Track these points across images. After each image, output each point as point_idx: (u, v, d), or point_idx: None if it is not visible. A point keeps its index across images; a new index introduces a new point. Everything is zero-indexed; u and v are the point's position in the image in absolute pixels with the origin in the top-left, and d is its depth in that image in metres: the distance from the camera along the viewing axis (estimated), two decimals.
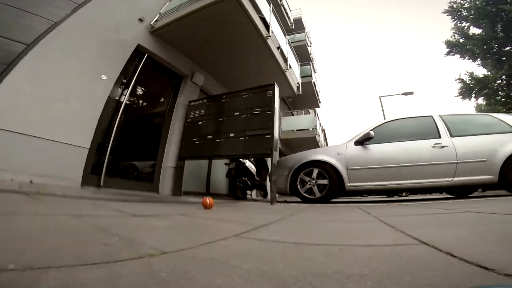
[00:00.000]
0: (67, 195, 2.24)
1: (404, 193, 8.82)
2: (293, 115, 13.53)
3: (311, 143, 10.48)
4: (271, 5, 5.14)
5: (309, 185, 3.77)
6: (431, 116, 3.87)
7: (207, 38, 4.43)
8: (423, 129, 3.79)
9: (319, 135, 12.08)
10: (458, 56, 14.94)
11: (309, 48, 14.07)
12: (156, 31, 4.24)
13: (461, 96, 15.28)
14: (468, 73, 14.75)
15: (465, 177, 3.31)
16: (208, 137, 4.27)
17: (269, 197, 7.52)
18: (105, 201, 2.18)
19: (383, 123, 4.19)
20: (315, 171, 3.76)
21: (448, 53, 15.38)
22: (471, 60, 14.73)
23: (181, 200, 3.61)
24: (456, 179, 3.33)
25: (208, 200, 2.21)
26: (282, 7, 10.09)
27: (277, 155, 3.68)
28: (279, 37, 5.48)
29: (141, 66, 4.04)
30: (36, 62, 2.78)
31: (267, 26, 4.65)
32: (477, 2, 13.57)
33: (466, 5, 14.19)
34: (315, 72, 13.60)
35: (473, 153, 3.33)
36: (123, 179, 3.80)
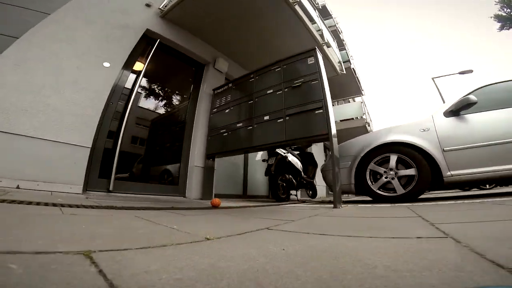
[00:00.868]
0: (60, 202, 1.59)
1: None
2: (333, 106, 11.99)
3: (362, 134, 8.89)
4: None
5: (386, 178, 2.59)
6: None
7: (223, 15, 3.65)
8: None
9: (370, 124, 10.39)
10: None
11: (340, 35, 12.53)
12: (166, 15, 3.63)
13: None
14: None
15: None
16: (237, 125, 3.43)
17: (318, 197, 6.40)
18: (121, 211, 1.46)
19: (484, 86, 2.82)
20: (393, 158, 2.57)
21: (501, 28, 15.10)
22: None
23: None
24: None
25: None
26: None
27: (335, 140, 2.61)
28: (308, 9, 4.38)
29: (152, 53, 3.43)
30: (23, 51, 2.36)
31: None
32: None
33: None
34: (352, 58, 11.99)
35: None
36: (139, 182, 3.20)
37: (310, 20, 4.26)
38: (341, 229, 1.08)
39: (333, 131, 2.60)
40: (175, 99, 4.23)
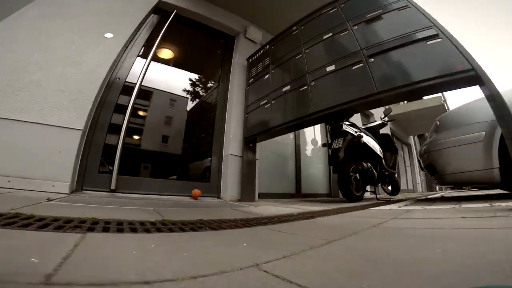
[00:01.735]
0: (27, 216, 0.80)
1: None
2: None
3: (438, 115, 6.77)
4: None
5: None
6: None
7: None
8: None
9: (446, 102, 8.06)
10: None
11: None
12: None
13: None
14: None
15: None
16: (283, 89, 2.35)
17: (401, 194, 4.79)
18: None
19: None
20: None
21: None
22: None
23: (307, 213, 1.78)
24: None
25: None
26: None
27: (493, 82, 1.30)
28: None
29: (168, 26, 2.63)
30: (7, 31, 1.95)
31: None
32: None
33: None
34: None
35: None
36: (156, 179, 2.37)
37: None
38: None
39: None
40: (201, 77, 3.40)
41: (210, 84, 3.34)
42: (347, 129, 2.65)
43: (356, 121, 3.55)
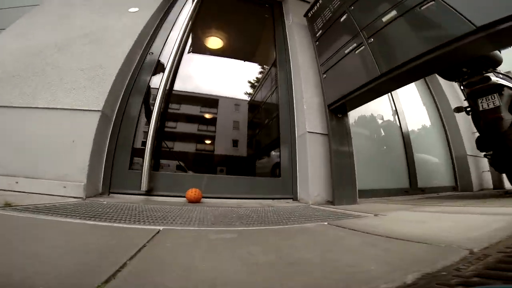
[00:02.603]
0: None
1: None
2: None
3: None
4: None
5: None
6: None
7: None
8: None
9: None
10: None
11: None
12: None
13: None
14: None
15: None
16: (385, 18, 1.33)
17: None
18: None
19: None
20: None
21: None
22: None
23: None
24: None
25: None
26: None
27: None
28: None
29: None
30: (28, 22, 1.76)
31: None
32: None
33: None
34: None
35: None
36: (204, 175, 1.65)
37: None
38: None
39: None
40: (252, 54, 2.64)
41: (264, 58, 2.57)
42: (501, 82, 1.66)
43: None
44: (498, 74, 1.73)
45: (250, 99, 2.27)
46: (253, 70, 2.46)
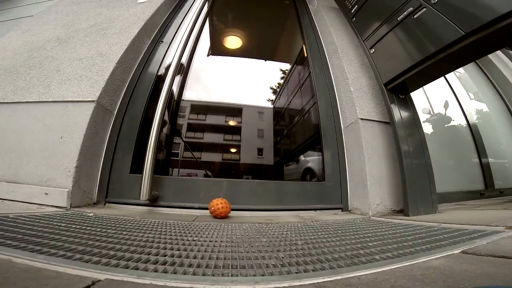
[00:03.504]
0: None
1: None
2: None
3: None
4: None
5: None
6: None
7: None
8: None
9: None
10: None
11: None
12: None
13: None
14: None
15: None
16: None
17: None
18: None
19: None
20: None
21: None
22: None
23: None
24: None
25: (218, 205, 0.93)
26: None
27: None
28: None
29: None
30: (34, 21, 1.71)
31: None
32: None
33: None
34: None
35: None
36: (224, 179, 1.29)
37: None
38: None
39: None
40: (269, 43, 2.31)
41: (286, 54, 2.25)
42: None
43: None
44: None
45: (275, 98, 1.92)
46: (276, 69, 2.13)
